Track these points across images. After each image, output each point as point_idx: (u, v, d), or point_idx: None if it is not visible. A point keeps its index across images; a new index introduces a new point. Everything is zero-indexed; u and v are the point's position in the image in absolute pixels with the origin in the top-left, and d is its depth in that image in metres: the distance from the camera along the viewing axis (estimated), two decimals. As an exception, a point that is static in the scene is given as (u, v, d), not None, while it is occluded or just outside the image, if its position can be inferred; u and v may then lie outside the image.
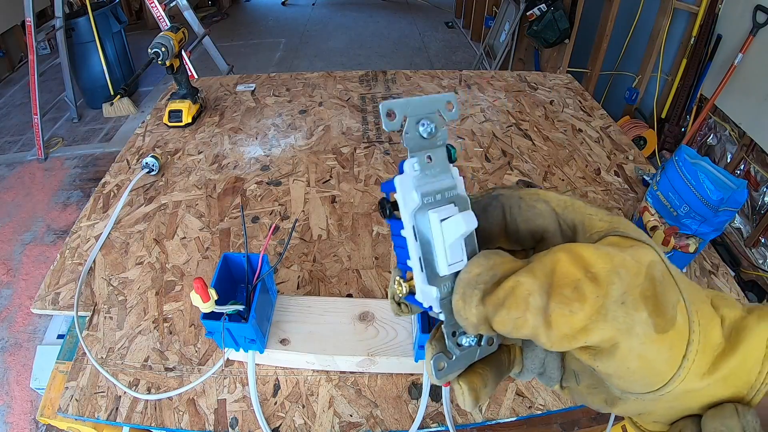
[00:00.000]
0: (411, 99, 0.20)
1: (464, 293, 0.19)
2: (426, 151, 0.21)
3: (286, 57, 3.78)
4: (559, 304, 0.17)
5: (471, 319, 0.19)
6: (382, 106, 0.19)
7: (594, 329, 0.17)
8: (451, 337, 0.21)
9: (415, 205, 0.20)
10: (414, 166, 0.20)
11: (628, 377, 0.19)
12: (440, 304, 0.20)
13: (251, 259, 0.57)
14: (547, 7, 2.40)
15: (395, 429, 0.56)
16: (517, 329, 0.18)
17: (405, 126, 0.20)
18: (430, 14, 4.72)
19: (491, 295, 0.18)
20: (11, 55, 3.43)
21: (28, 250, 1.91)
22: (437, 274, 0.20)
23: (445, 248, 0.20)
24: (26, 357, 1.51)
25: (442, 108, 0.21)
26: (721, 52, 1.94)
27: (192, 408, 0.58)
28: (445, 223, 0.20)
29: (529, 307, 0.17)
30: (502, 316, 0.18)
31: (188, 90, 1.14)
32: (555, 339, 0.17)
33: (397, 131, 0.20)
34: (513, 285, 0.18)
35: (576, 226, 0.21)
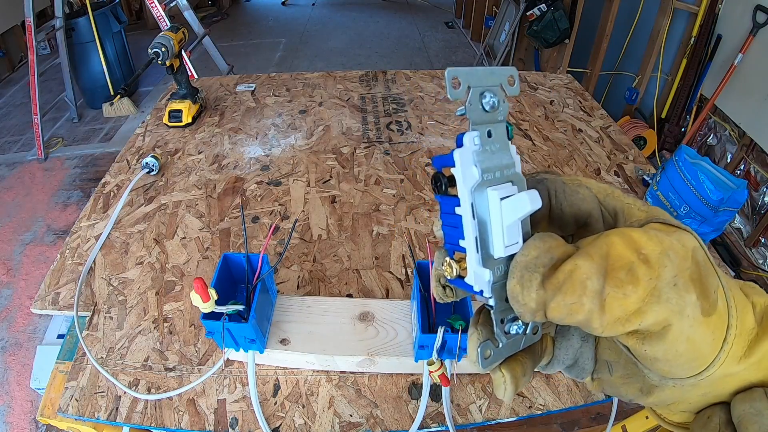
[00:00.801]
0: (476, 68, 0.19)
1: (522, 277, 0.18)
2: (487, 126, 0.19)
3: (286, 57, 3.78)
4: (614, 288, 0.17)
5: (530, 305, 0.18)
6: (448, 72, 0.19)
7: (648, 311, 0.17)
8: (499, 324, 0.20)
9: (475, 180, 0.19)
10: (474, 139, 0.19)
11: (675, 361, 0.19)
12: (491, 289, 0.19)
13: (251, 259, 0.57)
14: (547, 7, 2.40)
15: (395, 429, 0.56)
16: (571, 315, 0.17)
17: (468, 96, 0.19)
18: (430, 14, 4.72)
19: (550, 279, 0.18)
20: (11, 55, 3.43)
21: (28, 250, 1.91)
22: (491, 256, 0.19)
23: (503, 228, 0.19)
24: (26, 357, 1.51)
25: (504, 82, 0.20)
26: (721, 52, 1.94)
27: (192, 408, 0.58)
28: (506, 202, 0.19)
29: (586, 291, 0.17)
30: (558, 302, 0.17)
31: (188, 90, 1.14)
32: (608, 323, 0.17)
33: (460, 100, 0.19)
34: (571, 269, 0.17)
35: (617, 213, 0.21)
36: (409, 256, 0.77)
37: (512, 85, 0.20)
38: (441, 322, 0.53)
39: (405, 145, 1.05)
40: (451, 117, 1.16)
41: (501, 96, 0.20)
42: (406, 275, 0.74)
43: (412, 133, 1.10)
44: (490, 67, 0.20)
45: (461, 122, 1.13)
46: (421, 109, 1.19)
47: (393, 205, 0.88)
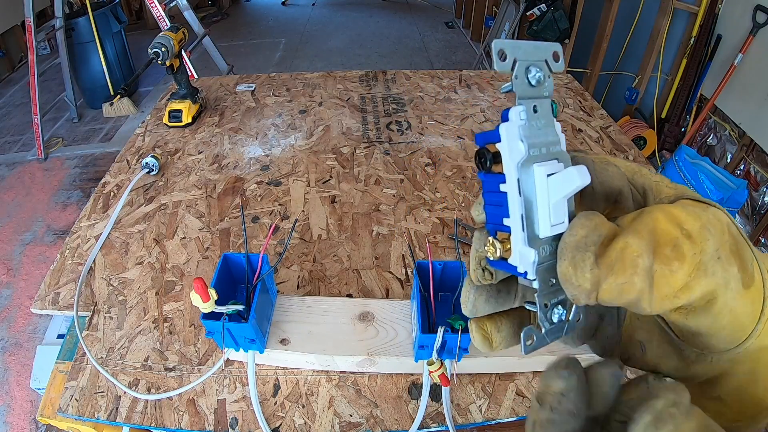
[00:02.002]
0: (521, 42, 0.19)
1: (574, 258, 0.17)
2: (533, 101, 0.19)
3: (286, 57, 3.78)
4: (662, 265, 0.17)
5: (584, 285, 0.17)
6: (495, 44, 0.18)
7: (695, 286, 0.17)
8: (543, 308, 0.20)
9: (522, 156, 0.18)
10: (521, 114, 0.19)
11: (718, 334, 0.19)
12: (536, 270, 0.19)
13: (251, 259, 0.57)
14: (547, 7, 2.40)
15: (395, 429, 0.56)
16: (622, 295, 0.17)
17: (515, 69, 0.19)
18: (430, 14, 4.72)
19: (602, 258, 0.17)
20: (11, 55, 3.43)
21: (28, 250, 1.91)
22: (537, 236, 0.19)
23: (549, 206, 0.18)
24: (26, 357, 1.51)
25: (549, 57, 0.20)
26: (721, 52, 1.94)
27: (192, 408, 0.58)
28: (553, 178, 0.18)
29: (637, 269, 0.17)
30: (609, 283, 0.17)
31: (188, 90, 1.14)
32: (656, 301, 0.17)
33: (507, 72, 0.18)
34: (622, 246, 0.17)
35: (646, 190, 0.21)
36: (409, 256, 0.77)
37: (557, 61, 0.20)
38: (441, 322, 0.53)
39: (405, 145, 1.05)
40: (451, 117, 1.16)
41: (546, 71, 0.19)
42: (406, 275, 0.74)
43: (412, 133, 1.10)
44: (535, 41, 0.19)
45: (461, 122, 1.13)
46: (421, 109, 1.19)
47: (393, 205, 0.88)
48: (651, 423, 0.18)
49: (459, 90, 1.28)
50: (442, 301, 0.61)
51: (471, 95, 1.26)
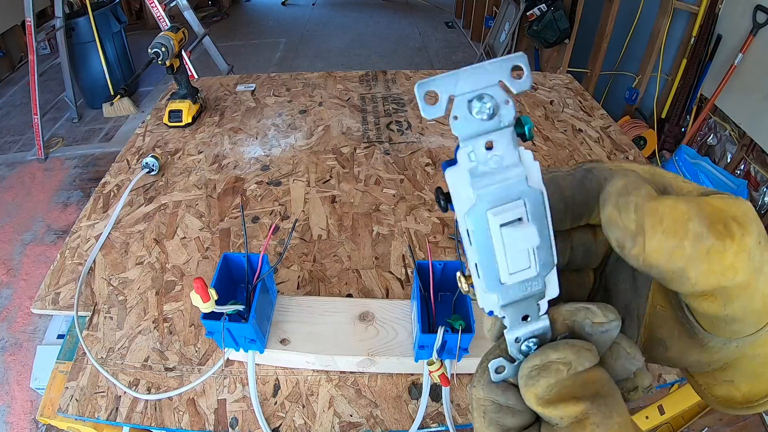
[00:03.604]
0: (456, 72, 0.16)
1: (617, 202, 0.17)
2: (485, 137, 0.16)
3: (286, 57, 3.78)
4: (716, 239, 0.16)
5: (630, 226, 0.17)
6: (418, 86, 0.15)
7: (740, 268, 0.17)
8: (514, 343, 0.19)
9: (470, 203, 0.17)
10: (470, 156, 0.16)
11: (748, 318, 0.19)
12: (503, 310, 0.18)
13: (251, 259, 0.57)
14: (547, 7, 2.40)
15: (395, 429, 0.56)
16: (671, 260, 0.17)
17: (453, 109, 0.16)
18: (430, 14, 4.72)
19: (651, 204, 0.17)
20: (11, 55, 3.43)
21: (28, 250, 1.91)
22: (498, 282, 0.18)
23: (506, 256, 0.17)
24: (26, 357, 1.51)
25: (506, 76, 0.16)
26: (721, 52, 1.94)
27: (192, 408, 0.58)
28: (506, 230, 0.17)
29: (688, 234, 0.16)
30: (660, 242, 0.17)
31: (188, 90, 1.14)
32: (703, 275, 0.17)
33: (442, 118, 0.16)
34: (672, 204, 0.17)
35: (667, 189, 0.21)
36: (409, 256, 0.77)
37: (519, 78, 0.16)
38: (441, 322, 0.53)
39: (405, 145, 1.05)
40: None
41: (500, 97, 0.16)
42: (406, 275, 0.74)
43: (412, 133, 1.10)
44: (481, 63, 0.16)
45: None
46: (421, 109, 1.19)
47: (393, 205, 0.88)
48: (534, 371, 0.19)
49: (459, 90, 1.28)
50: (442, 301, 0.61)
51: (471, 95, 1.26)
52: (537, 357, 0.19)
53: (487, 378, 0.21)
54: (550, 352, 0.19)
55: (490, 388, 0.21)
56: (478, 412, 0.21)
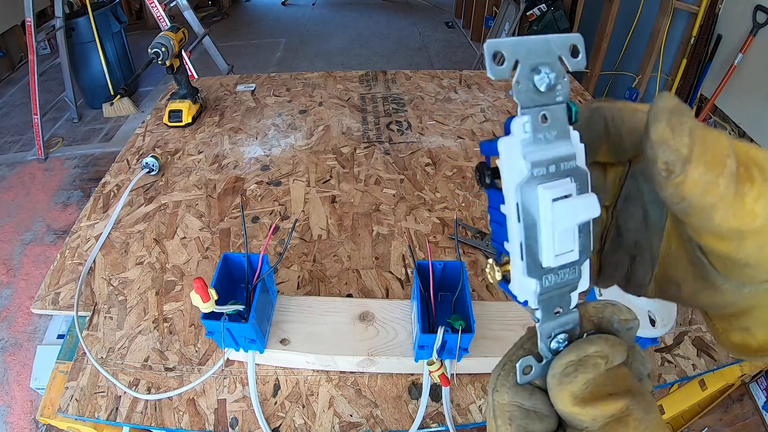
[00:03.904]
0: (525, 38, 0.16)
1: (670, 120, 0.16)
2: (541, 109, 0.16)
3: (286, 57, 3.78)
4: (740, 183, 0.16)
5: (682, 150, 0.16)
6: (488, 45, 0.15)
7: (759, 213, 0.17)
8: (545, 339, 0.18)
9: (522, 176, 0.16)
10: (524, 126, 0.16)
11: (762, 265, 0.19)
12: (538, 300, 0.17)
13: (251, 259, 0.57)
14: (547, 7, 2.40)
15: (395, 429, 0.56)
16: (705, 195, 0.16)
17: (516, 74, 0.16)
18: (430, 14, 4.72)
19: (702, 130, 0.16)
20: (11, 55, 3.43)
21: (28, 250, 1.91)
22: (539, 265, 0.17)
23: (554, 235, 0.16)
24: (26, 357, 1.51)
25: (565, 53, 0.16)
26: (721, 52, 1.94)
27: (192, 408, 0.58)
28: (558, 205, 0.16)
29: (725, 170, 0.16)
30: (701, 174, 0.16)
31: (188, 90, 1.14)
32: (727, 217, 0.16)
33: (505, 80, 0.16)
34: (717, 135, 0.16)
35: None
36: (409, 256, 0.77)
37: (576, 56, 0.17)
38: (441, 322, 0.53)
39: (405, 145, 1.05)
40: (451, 117, 1.16)
41: (560, 71, 0.16)
42: (406, 275, 0.74)
43: (412, 133, 1.10)
44: (544, 35, 0.16)
45: (461, 122, 1.13)
46: (421, 109, 1.19)
47: (393, 205, 0.88)
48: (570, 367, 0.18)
49: (459, 90, 1.28)
50: (442, 301, 0.61)
51: (471, 95, 1.26)
52: (572, 352, 0.19)
53: (513, 380, 0.20)
54: (586, 346, 0.19)
55: (516, 391, 0.19)
56: (503, 419, 0.19)
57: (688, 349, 0.65)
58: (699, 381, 0.73)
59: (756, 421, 1.23)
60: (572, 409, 0.18)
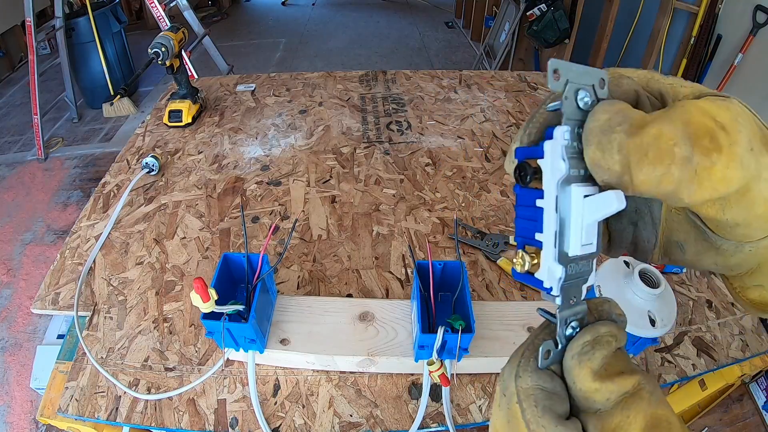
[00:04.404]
0: (573, 64, 0.19)
1: (600, 142, 0.18)
2: (578, 123, 0.19)
3: (286, 57, 3.78)
4: (702, 156, 0.17)
5: (614, 168, 0.17)
6: (551, 63, 0.19)
7: (732, 178, 0.17)
8: (563, 324, 0.20)
9: (562, 174, 0.19)
10: (565, 134, 0.19)
11: (754, 223, 0.19)
12: (561, 288, 0.20)
13: (251, 259, 0.57)
14: (547, 7, 2.40)
15: (395, 429, 0.56)
16: (660, 186, 0.17)
17: (566, 90, 0.19)
18: (430, 14, 4.72)
19: (633, 140, 0.17)
20: (11, 55, 3.43)
21: (28, 250, 1.91)
22: (566, 254, 0.19)
23: (582, 227, 0.19)
24: (26, 357, 1.51)
25: (596, 83, 0.20)
26: (721, 52, 1.94)
27: (192, 408, 0.58)
28: (589, 200, 0.19)
29: (675, 159, 0.17)
30: (647, 173, 0.17)
31: (188, 90, 1.14)
32: (696, 192, 0.17)
33: (558, 91, 0.19)
34: (656, 133, 0.17)
35: (662, 94, 0.21)
36: (409, 256, 0.77)
37: (602, 87, 0.20)
38: (441, 322, 0.53)
39: (405, 145, 1.05)
40: (451, 117, 1.16)
41: (593, 97, 0.20)
42: (406, 275, 0.74)
43: (412, 133, 1.10)
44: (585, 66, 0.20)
45: (461, 122, 1.13)
46: (421, 109, 1.19)
47: (393, 205, 0.88)
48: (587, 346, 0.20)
49: (459, 90, 1.28)
50: (442, 301, 0.61)
51: (471, 95, 1.26)
52: (587, 333, 0.20)
53: (534, 365, 0.21)
54: (599, 327, 0.20)
55: (539, 375, 0.20)
56: (529, 402, 0.20)
57: (688, 349, 0.65)
58: (699, 381, 0.73)
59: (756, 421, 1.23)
60: (592, 385, 0.19)
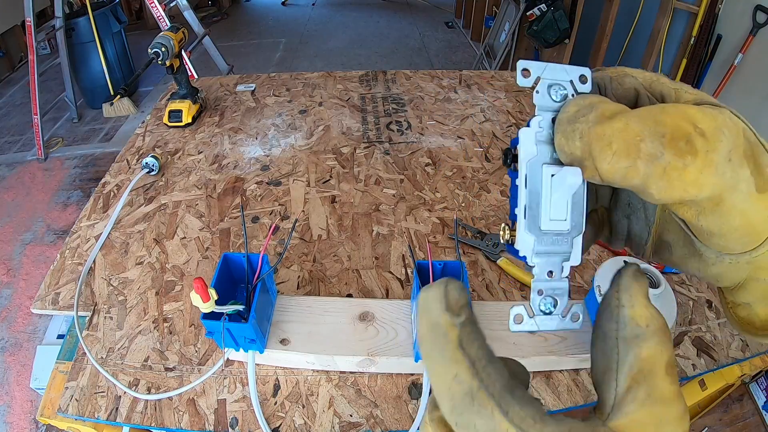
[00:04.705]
0: (549, 63, 0.21)
1: (565, 131, 0.19)
2: (553, 113, 0.21)
3: (286, 57, 3.78)
4: (675, 156, 0.17)
5: (576, 153, 0.19)
6: (519, 63, 0.21)
7: (705, 183, 0.17)
8: (537, 294, 0.22)
9: (531, 156, 0.21)
10: (539, 123, 0.21)
11: (730, 235, 0.19)
12: (534, 255, 0.21)
13: (251, 259, 0.57)
14: (547, 7, 2.40)
15: (395, 429, 0.56)
16: (626, 179, 0.18)
17: (537, 86, 0.21)
18: (430, 14, 4.72)
19: (594, 130, 0.18)
20: (11, 55, 3.43)
21: (28, 250, 1.91)
22: (538, 227, 0.21)
23: (549, 201, 0.21)
24: (26, 357, 1.51)
25: (575, 79, 0.21)
26: (721, 52, 1.94)
27: (192, 408, 0.58)
28: (555, 177, 0.21)
29: (641, 154, 0.17)
30: (612, 164, 0.18)
31: (188, 90, 1.14)
32: (664, 190, 0.17)
33: (528, 88, 0.21)
34: (621, 126, 0.17)
35: (664, 97, 0.22)
36: (409, 256, 0.77)
37: (584, 83, 0.21)
38: (441, 322, 0.53)
39: (405, 145, 1.05)
40: (451, 117, 1.16)
41: (570, 91, 0.21)
42: (406, 275, 0.74)
43: (412, 133, 1.10)
44: (561, 64, 0.21)
45: (461, 122, 1.13)
46: (421, 109, 1.19)
47: (393, 205, 0.88)
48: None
49: (459, 90, 1.28)
50: (442, 301, 0.61)
51: (471, 95, 1.26)
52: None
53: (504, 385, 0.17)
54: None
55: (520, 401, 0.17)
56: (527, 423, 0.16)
57: (688, 349, 0.65)
58: (699, 381, 0.73)
59: (756, 421, 1.23)
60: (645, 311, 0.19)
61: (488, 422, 0.17)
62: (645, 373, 0.18)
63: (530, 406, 0.17)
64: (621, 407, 0.18)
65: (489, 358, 0.18)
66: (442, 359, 0.18)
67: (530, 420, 0.17)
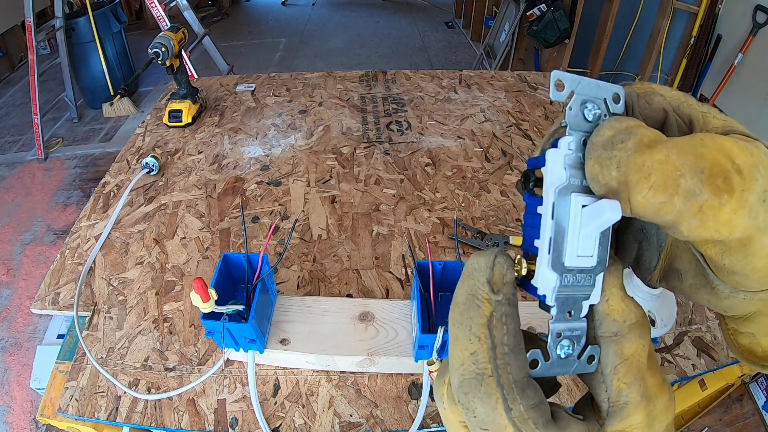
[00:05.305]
0: (583, 77, 0.19)
1: (600, 156, 0.17)
2: (584, 135, 0.19)
3: (286, 57, 3.78)
4: (712, 195, 0.16)
5: (611, 184, 0.17)
6: (553, 74, 0.19)
7: (738, 224, 0.17)
8: (555, 338, 0.20)
9: (561, 182, 0.19)
10: (569, 144, 0.19)
11: (752, 275, 0.19)
12: (555, 297, 0.19)
13: (251, 259, 0.57)
14: (547, 7, 2.40)
15: (395, 429, 0.56)
16: (659, 214, 0.17)
17: (571, 101, 0.19)
18: (430, 14, 4.72)
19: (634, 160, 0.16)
20: (11, 55, 3.43)
21: (28, 250, 1.91)
22: (562, 263, 0.19)
23: (578, 236, 0.19)
24: (26, 357, 1.51)
25: (609, 98, 0.20)
26: (721, 52, 1.94)
27: (192, 408, 0.58)
28: (586, 209, 0.19)
29: (679, 190, 0.16)
30: (648, 198, 0.16)
31: (188, 90, 1.14)
32: (697, 229, 0.17)
33: (562, 102, 0.19)
34: (662, 158, 0.16)
35: (692, 121, 0.21)
36: (409, 256, 0.77)
37: (617, 102, 0.20)
38: (441, 322, 0.53)
39: (405, 145, 1.05)
40: (451, 117, 1.16)
41: (604, 110, 0.19)
42: (406, 275, 0.74)
43: (412, 133, 1.10)
44: (597, 80, 0.19)
45: (461, 122, 1.13)
46: (421, 109, 1.19)
47: (393, 205, 0.88)
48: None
49: (459, 90, 1.28)
50: (442, 301, 0.61)
51: (471, 95, 1.26)
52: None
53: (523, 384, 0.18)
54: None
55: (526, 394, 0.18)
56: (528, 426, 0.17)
57: (688, 349, 0.65)
58: (699, 381, 0.73)
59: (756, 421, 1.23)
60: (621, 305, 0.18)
61: (489, 412, 0.17)
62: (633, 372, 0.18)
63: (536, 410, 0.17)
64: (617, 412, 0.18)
65: (514, 347, 0.17)
66: (467, 332, 0.17)
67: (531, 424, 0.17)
